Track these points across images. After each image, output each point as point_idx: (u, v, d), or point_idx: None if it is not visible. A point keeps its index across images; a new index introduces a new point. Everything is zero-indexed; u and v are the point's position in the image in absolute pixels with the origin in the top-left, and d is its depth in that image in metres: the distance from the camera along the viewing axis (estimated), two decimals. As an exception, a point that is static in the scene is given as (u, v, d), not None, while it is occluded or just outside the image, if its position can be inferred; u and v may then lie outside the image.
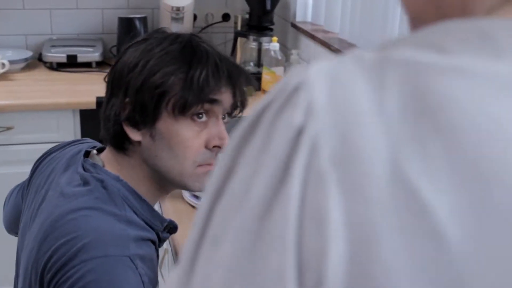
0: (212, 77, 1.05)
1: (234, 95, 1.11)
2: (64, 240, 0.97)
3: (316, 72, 0.33)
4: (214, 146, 1.09)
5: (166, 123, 1.06)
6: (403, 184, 0.29)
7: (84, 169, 1.08)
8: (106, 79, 1.12)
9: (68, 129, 2.31)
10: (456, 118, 0.29)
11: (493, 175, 0.29)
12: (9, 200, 1.32)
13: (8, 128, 2.25)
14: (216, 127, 1.09)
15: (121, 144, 1.09)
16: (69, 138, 2.30)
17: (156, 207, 1.75)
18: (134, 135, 1.07)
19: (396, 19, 1.85)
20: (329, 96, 0.32)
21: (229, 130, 1.15)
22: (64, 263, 0.95)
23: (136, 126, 1.06)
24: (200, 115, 1.07)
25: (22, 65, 2.56)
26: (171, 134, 1.06)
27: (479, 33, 0.33)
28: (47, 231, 1.00)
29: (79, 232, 0.97)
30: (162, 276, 1.58)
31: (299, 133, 0.32)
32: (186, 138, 1.06)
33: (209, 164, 1.10)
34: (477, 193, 0.29)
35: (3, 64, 2.41)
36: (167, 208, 1.54)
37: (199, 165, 1.09)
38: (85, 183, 1.05)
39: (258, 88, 2.47)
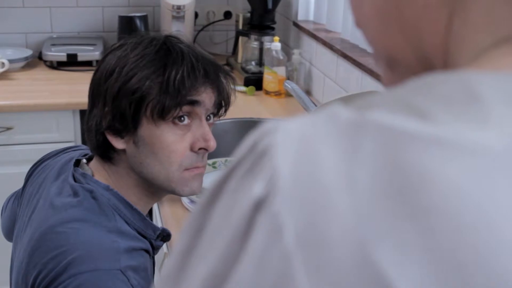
0: (188, 78, 1.03)
1: (215, 94, 1.08)
2: (53, 254, 0.95)
3: (284, 137, 0.30)
4: (200, 149, 1.07)
5: (148, 129, 1.04)
6: (371, 271, 0.26)
7: (75, 179, 1.06)
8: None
9: (68, 129, 2.29)
10: (434, 200, 0.26)
11: (474, 265, 0.26)
12: (5, 208, 1.31)
13: (8, 129, 2.23)
14: (200, 129, 1.07)
15: (106, 154, 1.08)
16: (69, 138, 2.29)
17: (155, 210, 1.73)
18: (117, 143, 1.05)
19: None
20: (295, 168, 0.29)
21: (214, 131, 1.13)
22: (53, 278, 0.93)
23: (118, 134, 1.05)
24: (182, 118, 1.05)
25: (22, 64, 2.55)
26: (154, 140, 1.04)
27: (466, 93, 0.29)
28: (36, 244, 0.99)
29: (68, 246, 0.96)
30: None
31: (257, 207, 0.29)
32: (169, 143, 1.05)
33: (196, 167, 1.09)
34: (455, 284, 0.26)
35: (3, 64, 2.39)
36: (166, 213, 1.52)
37: (186, 169, 1.07)
38: (75, 194, 1.03)
39: (260, 87, 2.45)
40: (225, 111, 1.14)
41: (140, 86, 1.02)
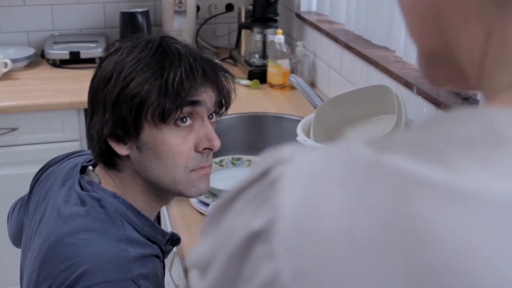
0: (187, 79, 1.02)
1: (215, 93, 1.08)
2: (63, 267, 0.95)
3: (295, 171, 0.30)
4: (204, 149, 1.07)
5: (150, 133, 1.03)
6: None
7: (81, 187, 1.06)
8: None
9: (73, 128, 2.29)
10: (441, 258, 0.25)
11: None
12: (11, 216, 1.30)
13: (13, 129, 2.23)
14: (202, 129, 1.07)
15: (111, 160, 1.07)
16: (74, 137, 2.28)
17: (163, 212, 1.73)
18: (121, 149, 1.05)
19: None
20: (298, 211, 0.29)
21: (219, 127, 1.12)
22: None
23: (121, 140, 1.04)
24: (184, 119, 1.05)
25: (25, 63, 2.54)
26: (157, 143, 1.04)
27: (491, 136, 0.27)
28: (46, 255, 0.98)
29: (78, 258, 0.95)
30: (172, 278, 1.57)
31: (253, 239, 0.30)
32: (173, 145, 1.04)
33: (202, 168, 1.08)
34: None
35: (6, 64, 2.38)
36: (174, 215, 1.52)
37: (192, 170, 1.07)
38: (82, 202, 1.03)
39: (264, 81, 2.43)
40: (226, 109, 1.14)
41: (139, 91, 1.01)
